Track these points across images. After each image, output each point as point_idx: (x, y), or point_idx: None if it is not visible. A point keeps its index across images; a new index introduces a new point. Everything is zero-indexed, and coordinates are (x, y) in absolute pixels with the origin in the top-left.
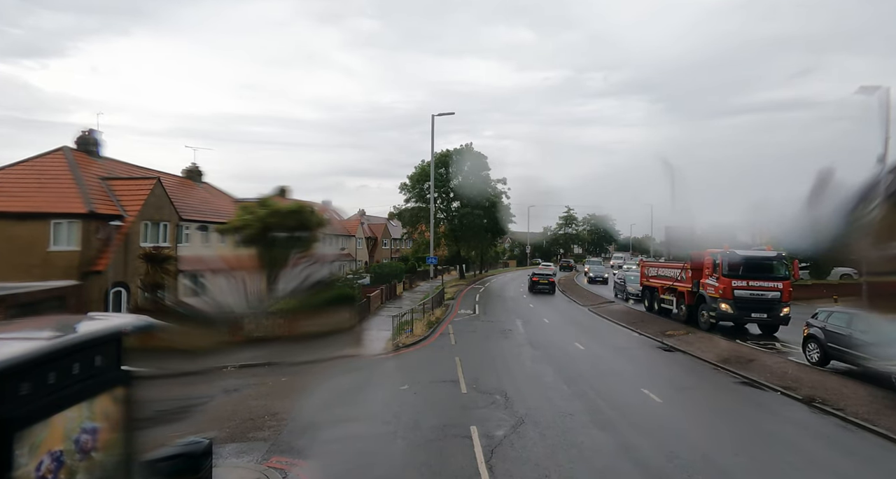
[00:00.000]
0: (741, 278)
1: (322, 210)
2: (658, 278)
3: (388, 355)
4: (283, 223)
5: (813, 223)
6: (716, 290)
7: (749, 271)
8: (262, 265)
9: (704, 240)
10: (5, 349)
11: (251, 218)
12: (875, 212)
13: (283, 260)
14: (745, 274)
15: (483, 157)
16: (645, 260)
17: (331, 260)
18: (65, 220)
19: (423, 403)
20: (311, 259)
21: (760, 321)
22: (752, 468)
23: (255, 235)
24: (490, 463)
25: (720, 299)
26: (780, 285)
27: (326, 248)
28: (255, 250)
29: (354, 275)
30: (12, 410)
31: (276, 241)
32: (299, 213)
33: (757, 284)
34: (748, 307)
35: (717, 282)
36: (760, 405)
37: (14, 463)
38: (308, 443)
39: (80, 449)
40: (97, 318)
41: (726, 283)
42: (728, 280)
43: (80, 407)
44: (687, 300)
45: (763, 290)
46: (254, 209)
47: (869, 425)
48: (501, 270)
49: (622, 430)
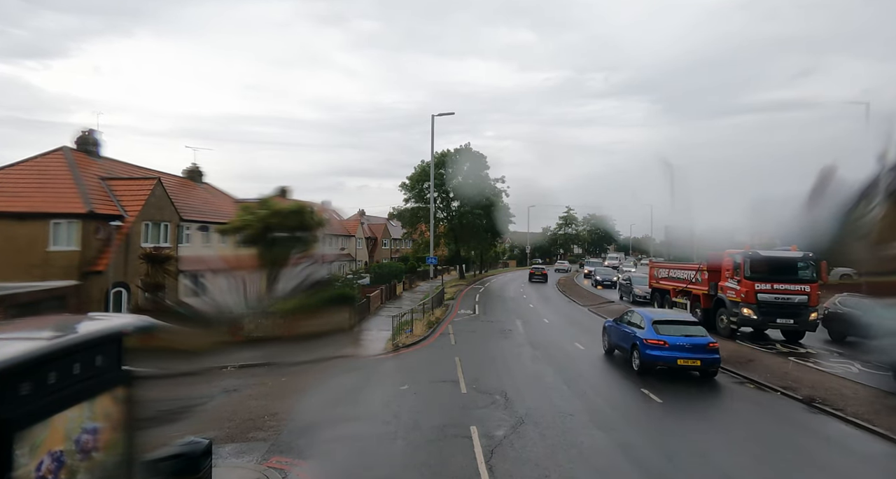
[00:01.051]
0: (765, 280)
1: (321, 210)
2: (669, 280)
3: (388, 355)
4: (284, 223)
5: (813, 223)
6: (737, 293)
7: (774, 272)
8: (263, 265)
9: (704, 240)
10: (6, 349)
11: (252, 218)
12: (875, 211)
13: (284, 260)
14: (770, 276)
15: (482, 156)
16: (654, 261)
17: (330, 260)
18: (64, 220)
19: (423, 403)
20: (310, 259)
21: (786, 327)
22: (752, 469)
23: (256, 235)
24: (490, 463)
25: (742, 303)
26: (807, 288)
27: (326, 248)
28: (255, 250)
29: (354, 275)
30: (13, 410)
31: (276, 241)
32: (299, 213)
33: (782, 287)
34: (773, 312)
35: (738, 285)
36: (760, 405)
37: (14, 463)
38: (308, 443)
39: (80, 449)
40: (97, 318)
41: (749, 286)
42: (751, 283)
43: (81, 407)
44: (703, 304)
45: (789, 293)
46: (254, 209)
47: (869, 425)
48: (501, 270)
49: (622, 430)
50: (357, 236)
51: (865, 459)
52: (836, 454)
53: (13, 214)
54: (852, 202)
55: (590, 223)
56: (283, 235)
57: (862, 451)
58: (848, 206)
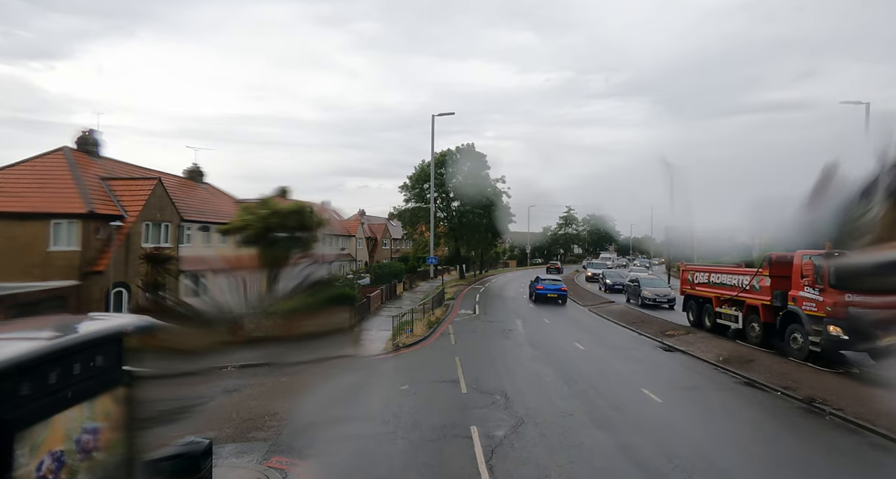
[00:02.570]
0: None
1: (321, 210)
2: (712, 287)
3: (388, 355)
4: (284, 223)
5: (813, 222)
6: (819, 306)
7: None
8: (263, 265)
9: (704, 240)
10: (6, 349)
11: (252, 218)
12: (875, 210)
13: (284, 260)
14: None
15: (482, 156)
16: (688, 264)
17: (330, 260)
18: (64, 220)
19: (423, 403)
20: (310, 259)
21: None
22: (753, 469)
23: (257, 235)
24: (490, 463)
25: (827, 318)
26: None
27: (326, 248)
28: (256, 249)
29: (354, 275)
30: (13, 410)
31: (276, 241)
32: (299, 213)
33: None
34: None
35: (819, 295)
36: (761, 406)
37: (15, 463)
38: (308, 443)
39: (81, 449)
40: (98, 318)
41: (836, 297)
42: (839, 293)
43: (82, 407)
44: (763, 317)
45: None
46: (254, 209)
47: (869, 425)
48: (501, 270)
49: (622, 430)
50: (357, 236)
51: (866, 459)
52: (837, 455)
53: (13, 214)
54: (853, 201)
55: (590, 223)
56: (284, 235)
57: (862, 451)
58: (848, 205)
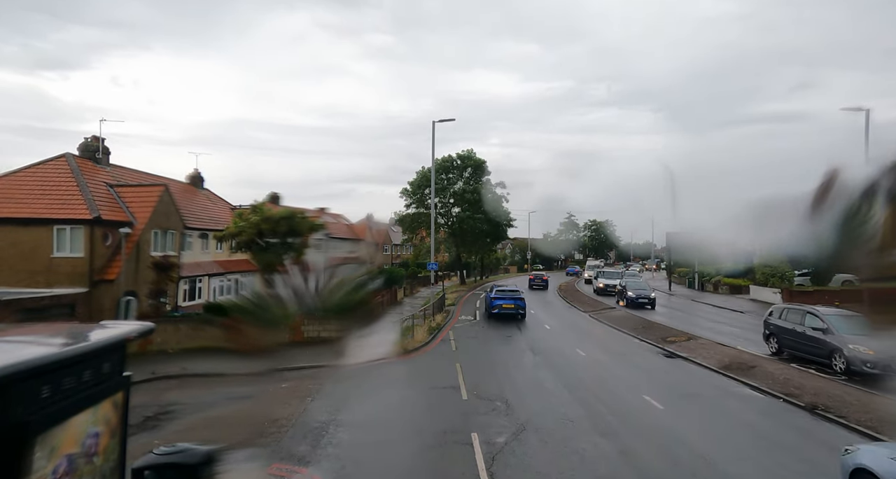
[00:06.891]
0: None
1: (316, 216)
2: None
3: (389, 360)
4: (275, 229)
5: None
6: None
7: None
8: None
9: (706, 247)
10: (25, 352)
11: (245, 224)
12: (876, 216)
13: (277, 264)
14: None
15: (483, 162)
16: None
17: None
18: (68, 226)
19: (423, 409)
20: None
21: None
22: (755, 476)
23: (249, 240)
24: (491, 470)
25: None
26: None
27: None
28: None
29: (368, 277)
30: (33, 413)
31: (268, 246)
32: (290, 219)
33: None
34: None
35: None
36: (763, 412)
37: (33, 467)
38: (309, 450)
39: (85, 454)
40: (108, 326)
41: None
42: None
43: (88, 412)
44: None
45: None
46: (247, 216)
47: (872, 432)
48: (502, 275)
49: (623, 436)
50: (367, 240)
51: None
52: (839, 462)
53: (17, 220)
54: (854, 207)
55: (591, 229)
56: (275, 240)
57: None
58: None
